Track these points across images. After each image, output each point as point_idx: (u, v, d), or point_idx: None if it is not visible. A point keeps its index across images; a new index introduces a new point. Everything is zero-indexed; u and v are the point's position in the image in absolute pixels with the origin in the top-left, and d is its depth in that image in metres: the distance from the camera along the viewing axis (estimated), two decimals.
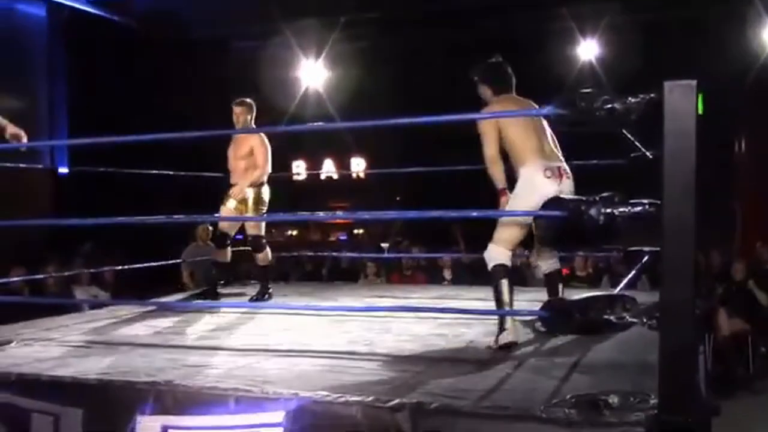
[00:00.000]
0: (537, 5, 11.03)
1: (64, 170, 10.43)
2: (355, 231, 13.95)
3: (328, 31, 11.35)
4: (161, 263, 6.17)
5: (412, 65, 12.33)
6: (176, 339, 4.35)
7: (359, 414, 2.77)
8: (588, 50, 11.35)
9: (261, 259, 6.12)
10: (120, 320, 5.09)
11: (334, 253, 9.68)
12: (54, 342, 4.20)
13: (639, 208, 2.83)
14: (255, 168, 5.93)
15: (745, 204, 11.55)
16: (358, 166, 13.82)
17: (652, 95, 2.61)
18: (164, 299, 6.08)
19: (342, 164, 13.96)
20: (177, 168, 6.68)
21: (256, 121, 6.13)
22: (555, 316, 2.93)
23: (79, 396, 3.18)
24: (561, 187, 4.02)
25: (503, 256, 4.14)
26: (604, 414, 2.55)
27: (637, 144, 4.65)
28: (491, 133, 4.14)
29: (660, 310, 2.52)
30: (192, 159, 6.54)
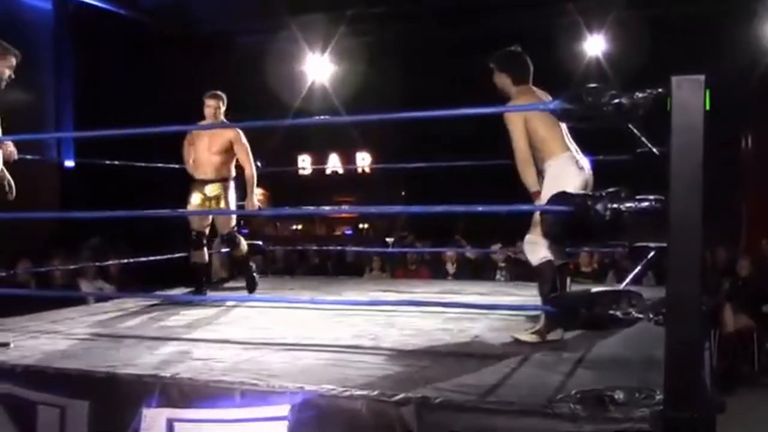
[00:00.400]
0: (543, 1, 11.01)
1: (71, 163, 10.45)
2: (361, 226, 13.95)
3: (334, 26, 11.33)
4: (167, 257, 6.17)
5: (418, 60, 12.31)
6: (182, 332, 4.36)
7: (364, 408, 2.77)
8: (595, 46, 11.31)
9: (240, 253, 5.94)
10: (126, 313, 5.11)
11: (340, 248, 9.66)
12: (60, 335, 4.21)
13: (645, 204, 2.81)
14: (242, 164, 5.80)
15: (751, 200, 11.53)
16: (364, 161, 13.82)
17: (660, 90, 2.59)
18: (170, 292, 6.08)
19: (347, 159, 13.96)
20: (183, 161, 6.68)
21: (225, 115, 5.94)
22: (561, 312, 2.92)
23: (85, 388, 3.19)
24: (588, 179, 3.97)
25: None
26: (610, 409, 2.55)
27: (644, 139, 4.65)
28: (521, 127, 3.98)
29: (666, 306, 2.51)
30: None
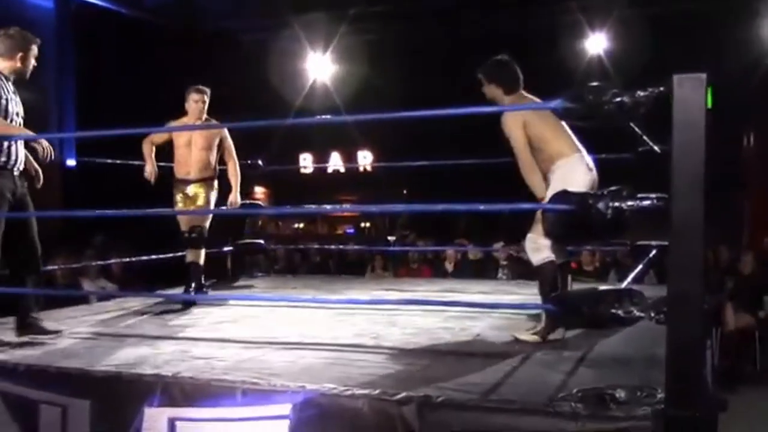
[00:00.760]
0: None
1: (72, 162, 10.45)
2: (363, 224, 13.96)
3: (336, 25, 11.34)
4: (169, 255, 6.17)
5: (419, 59, 12.32)
6: (183, 331, 4.37)
7: (366, 407, 2.78)
8: (596, 44, 11.30)
9: (197, 255, 5.62)
10: (127, 312, 5.11)
11: (341, 246, 9.67)
12: (62, 334, 4.21)
13: (647, 202, 2.81)
14: (227, 161, 5.71)
15: (754, 199, 11.52)
16: (365, 160, 13.82)
17: (661, 89, 2.60)
18: (172, 291, 6.08)
19: (349, 157, 13.96)
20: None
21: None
22: (562, 310, 2.92)
23: (87, 387, 3.20)
24: (595, 180, 3.94)
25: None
26: (611, 408, 2.55)
27: (645, 138, 4.65)
28: (521, 135, 3.93)
29: (667, 305, 2.51)
30: None
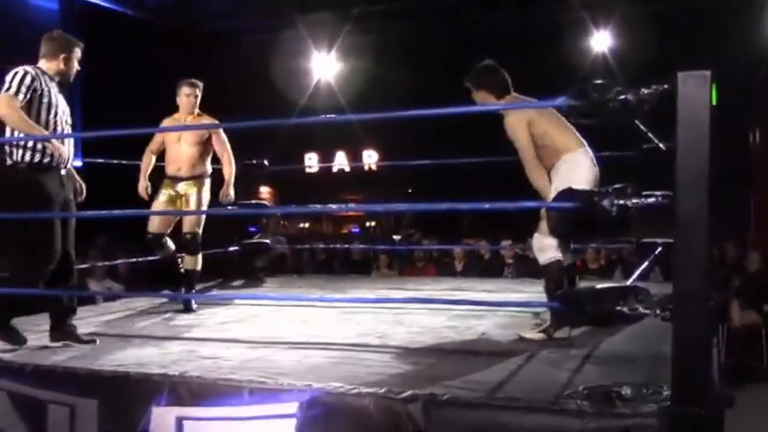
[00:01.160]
0: None
1: (78, 163, 10.47)
2: (368, 223, 13.97)
3: (341, 24, 11.34)
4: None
5: (424, 57, 12.31)
6: (190, 331, 4.38)
7: (372, 405, 2.78)
8: (601, 41, 11.28)
9: (194, 262, 5.42)
10: (134, 312, 5.13)
11: (347, 246, 9.68)
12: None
13: (652, 200, 2.81)
14: (221, 157, 5.45)
15: (760, 195, 11.49)
16: (370, 159, 13.82)
17: (666, 86, 2.59)
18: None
19: (354, 157, 13.96)
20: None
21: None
22: (567, 308, 2.92)
23: (94, 387, 3.21)
24: (597, 175, 3.94)
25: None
26: (617, 405, 2.55)
27: (650, 135, 4.64)
28: (525, 134, 3.92)
29: (673, 302, 2.51)
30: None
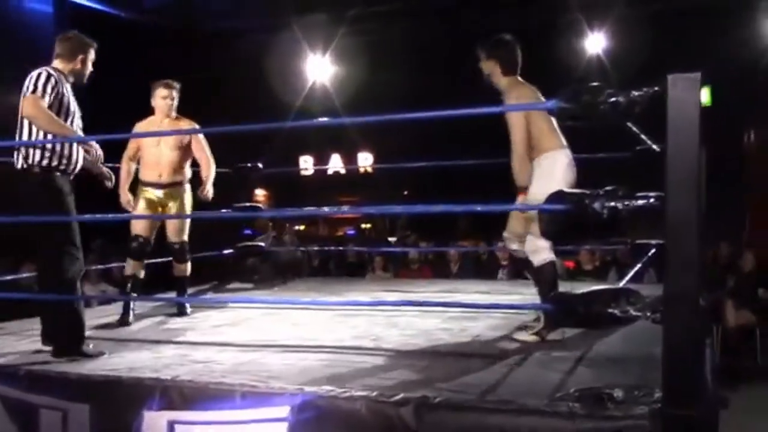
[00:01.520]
0: None
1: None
2: (363, 226, 13.96)
3: (336, 26, 11.33)
4: (169, 259, 6.17)
5: (419, 59, 12.31)
6: (183, 335, 4.38)
7: (364, 408, 2.78)
8: (596, 43, 11.28)
9: (185, 269, 5.33)
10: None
11: (341, 248, 9.68)
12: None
13: (643, 201, 2.81)
14: (200, 160, 5.26)
15: (755, 195, 11.50)
16: (366, 161, 13.81)
17: (656, 88, 2.60)
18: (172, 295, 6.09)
19: (349, 159, 13.96)
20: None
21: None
22: (559, 310, 2.92)
23: (87, 391, 3.21)
24: (575, 176, 4.04)
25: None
26: (608, 407, 2.55)
27: (643, 137, 4.65)
28: (522, 121, 4.00)
29: (664, 304, 2.51)
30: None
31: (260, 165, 6.78)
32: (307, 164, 14.17)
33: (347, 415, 2.80)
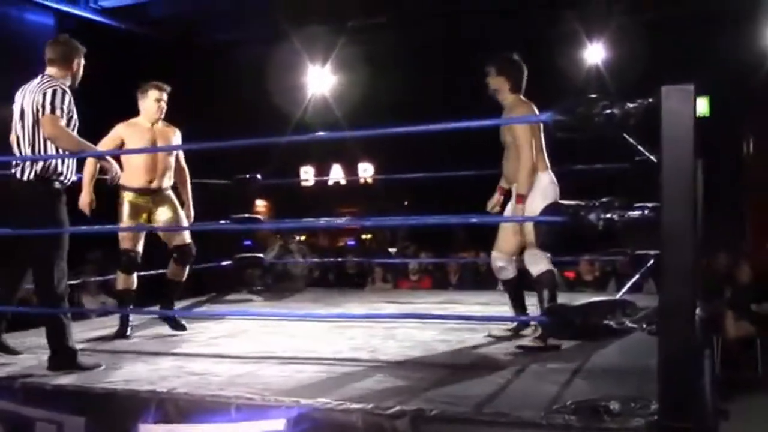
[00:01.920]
0: (544, 7, 11.00)
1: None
2: (364, 236, 13.93)
3: (335, 37, 11.36)
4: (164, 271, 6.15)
5: (419, 69, 12.34)
6: (180, 347, 4.37)
7: (360, 421, 2.78)
8: (595, 53, 11.30)
9: (184, 274, 5.09)
10: None
11: (340, 259, 9.67)
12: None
13: (638, 213, 2.81)
14: (183, 169, 5.14)
15: (754, 205, 11.49)
16: (366, 172, 13.81)
17: (650, 100, 2.60)
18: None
19: (350, 170, 13.96)
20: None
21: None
22: (554, 322, 2.92)
23: (82, 404, 3.21)
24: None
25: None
26: (604, 420, 2.55)
27: (641, 148, 4.66)
28: (530, 136, 4.17)
29: (659, 315, 2.51)
30: (199, 166, 6.53)
31: (259, 176, 6.78)
32: (308, 175, 14.18)
33: (343, 428, 2.80)
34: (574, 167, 5.69)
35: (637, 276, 4.94)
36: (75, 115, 3.88)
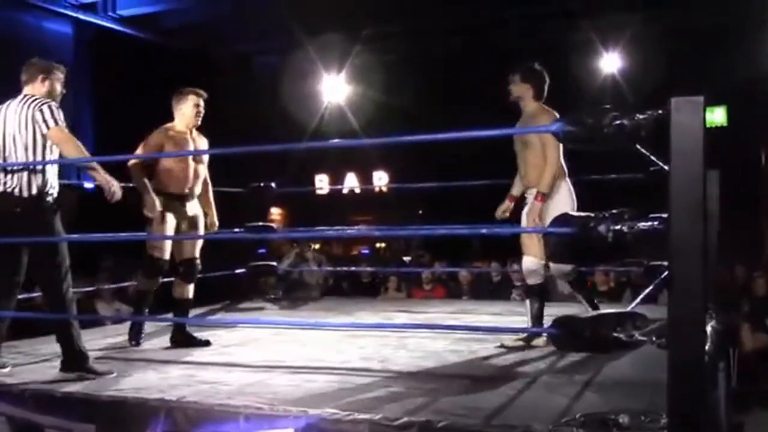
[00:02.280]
0: (560, 17, 10.99)
1: (90, 185, 10.56)
2: (378, 245, 13.96)
3: (350, 45, 11.41)
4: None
5: (433, 78, 12.36)
6: (191, 355, 4.37)
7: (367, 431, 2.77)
8: (611, 62, 11.27)
9: (190, 291, 4.92)
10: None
11: (353, 268, 9.67)
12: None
13: (648, 224, 2.79)
14: (206, 178, 5.05)
15: None
16: (381, 180, 13.84)
17: (660, 111, 2.58)
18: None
19: (364, 178, 14.00)
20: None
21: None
22: (563, 334, 2.90)
23: (92, 412, 3.22)
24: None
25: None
26: None
27: (653, 158, 4.63)
28: (556, 143, 4.25)
29: (668, 328, 2.48)
30: (215, 174, 6.56)
31: (273, 185, 6.80)
32: (323, 183, 14.23)
33: None
34: (588, 177, 5.67)
35: (651, 287, 4.89)
36: None
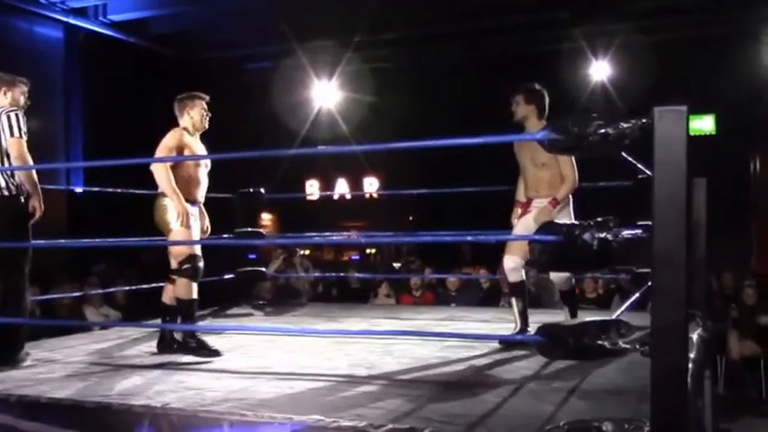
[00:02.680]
0: (550, 26, 11.05)
1: (80, 189, 10.54)
2: (368, 251, 13.95)
3: (341, 52, 11.44)
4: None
5: (424, 85, 12.39)
6: (178, 361, 4.36)
7: None
8: (600, 70, 11.33)
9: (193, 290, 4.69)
10: (126, 341, 5.11)
11: (342, 275, 9.66)
12: (57, 363, 4.23)
13: (633, 232, 2.81)
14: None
15: (761, 223, 11.45)
16: (371, 186, 13.85)
17: (644, 120, 2.59)
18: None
19: (355, 184, 14.00)
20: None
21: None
22: (548, 342, 2.90)
23: (77, 418, 3.21)
24: None
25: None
26: None
27: (640, 166, 4.67)
28: (572, 159, 4.54)
29: (651, 336, 2.49)
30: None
31: (263, 190, 6.79)
32: (313, 188, 14.23)
33: None
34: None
35: (638, 294, 4.91)
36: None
